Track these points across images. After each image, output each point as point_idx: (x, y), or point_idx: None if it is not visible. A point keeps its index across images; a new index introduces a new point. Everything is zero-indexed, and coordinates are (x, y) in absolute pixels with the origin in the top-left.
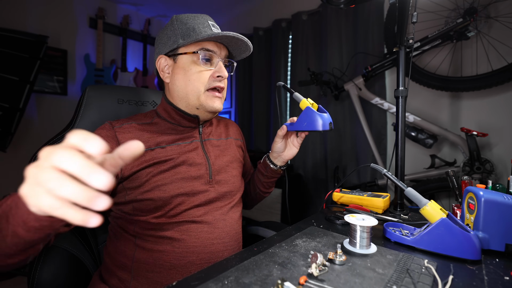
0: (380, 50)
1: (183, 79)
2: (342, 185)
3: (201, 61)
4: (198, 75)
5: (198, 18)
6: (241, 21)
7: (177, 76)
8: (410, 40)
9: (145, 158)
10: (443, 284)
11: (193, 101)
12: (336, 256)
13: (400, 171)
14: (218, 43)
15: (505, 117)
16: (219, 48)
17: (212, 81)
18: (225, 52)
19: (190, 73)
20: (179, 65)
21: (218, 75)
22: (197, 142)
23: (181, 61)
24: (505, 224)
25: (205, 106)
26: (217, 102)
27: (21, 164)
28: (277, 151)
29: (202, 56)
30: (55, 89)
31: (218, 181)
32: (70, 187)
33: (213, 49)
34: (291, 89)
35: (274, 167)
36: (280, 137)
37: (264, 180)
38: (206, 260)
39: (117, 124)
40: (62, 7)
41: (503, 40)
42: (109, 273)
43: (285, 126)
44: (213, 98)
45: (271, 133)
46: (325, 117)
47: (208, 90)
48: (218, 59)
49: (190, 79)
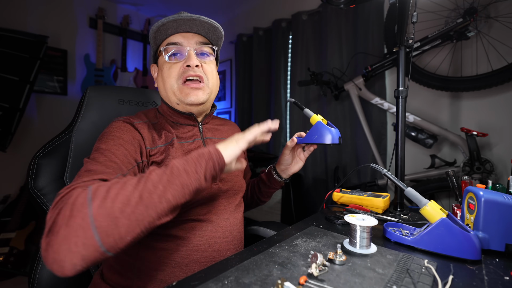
0: (380, 50)
1: (161, 80)
2: (342, 185)
3: (167, 57)
4: (169, 71)
5: (167, 18)
6: (241, 21)
7: (158, 78)
8: (410, 40)
9: (154, 156)
10: (443, 284)
11: (172, 98)
12: (336, 256)
13: (400, 171)
14: (185, 33)
15: (505, 117)
16: (186, 38)
17: (183, 72)
18: (196, 39)
19: (163, 71)
20: (159, 68)
21: (186, 64)
22: (199, 140)
23: (159, 63)
24: (505, 224)
25: (183, 100)
26: (197, 94)
27: (21, 164)
28: (285, 163)
29: (167, 52)
30: (55, 89)
31: (221, 178)
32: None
33: (178, 40)
34: (301, 105)
35: (278, 179)
36: (288, 149)
37: (264, 190)
38: (210, 259)
39: (132, 120)
40: (62, 7)
41: (503, 40)
42: (111, 272)
43: (295, 138)
44: (190, 91)
45: (271, 133)
46: (333, 132)
47: (184, 84)
48: (187, 48)
49: (164, 77)
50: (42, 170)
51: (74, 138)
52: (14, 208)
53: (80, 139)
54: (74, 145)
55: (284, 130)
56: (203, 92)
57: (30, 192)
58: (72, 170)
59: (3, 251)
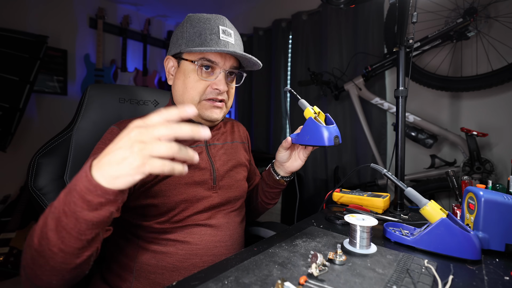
0: (380, 50)
1: (182, 85)
2: (342, 185)
3: (199, 72)
4: (195, 84)
5: (209, 22)
6: (241, 21)
7: (177, 81)
8: (410, 40)
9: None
10: (443, 284)
11: None
12: (336, 256)
13: (400, 171)
14: (224, 54)
15: (505, 117)
16: (223, 59)
17: (209, 93)
18: (232, 63)
19: (188, 80)
20: (181, 70)
21: (216, 87)
22: (202, 146)
23: (183, 66)
24: (505, 224)
25: (201, 115)
26: (215, 112)
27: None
28: (280, 160)
29: (201, 66)
30: (55, 89)
31: (221, 186)
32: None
33: (216, 60)
34: (297, 95)
35: (275, 176)
36: (284, 148)
37: (266, 189)
38: (209, 263)
39: (122, 126)
40: (62, 7)
41: (503, 40)
42: (111, 273)
43: (290, 138)
44: (210, 108)
45: (271, 133)
46: (330, 130)
47: (206, 100)
48: (220, 70)
49: (187, 86)
50: (42, 169)
51: (74, 137)
52: (14, 208)
53: (80, 138)
54: (74, 144)
55: (284, 130)
56: (221, 111)
57: (30, 191)
58: (72, 170)
59: (3, 251)
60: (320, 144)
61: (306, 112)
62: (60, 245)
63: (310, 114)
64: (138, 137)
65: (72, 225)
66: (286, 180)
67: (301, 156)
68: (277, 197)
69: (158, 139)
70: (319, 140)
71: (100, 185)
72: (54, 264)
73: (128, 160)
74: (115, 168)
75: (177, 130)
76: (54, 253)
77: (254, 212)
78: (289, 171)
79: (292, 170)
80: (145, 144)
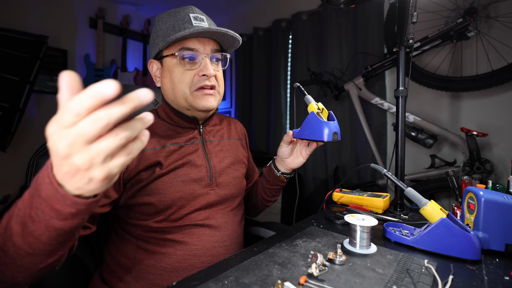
0: (380, 50)
1: (169, 82)
2: (342, 185)
3: (182, 62)
4: (181, 76)
5: (178, 14)
6: (241, 21)
7: (164, 79)
8: (410, 40)
9: (147, 159)
10: (443, 284)
11: (182, 103)
12: (336, 256)
13: (400, 171)
14: (202, 38)
15: (505, 117)
16: (202, 44)
17: (198, 81)
18: (212, 46)
19: (174, 75)
20: (165, 68)
21: (203, 73)
22: (198, 143)
23: (166, 63)
24: (505, 224)
25: (195, 106)
26: (209, 100)
27: (21, 164)
28: (281, 156)
29: (182, 57)
30: (55, 89)
31: (218, 183)
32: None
33: (195, 46)
34: (304, 91)
35: (276, 172)
36: (285, 142)
37: (266, 186)
38: (208, 264)
39: None
40: (62, 7)
41: (503, 40)
42: (110, 273)
43: (291, 132)
44: (203, 97)
45: (271, 133)
46: (330, 126)
47: (197, 90)
48: (203, 55)
49: (175, 81)
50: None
51: None
52: None
53: None
54: None
55: (284, 130)
56: (214, 98)
57: None
58: None
59: None
60: (319, 139)
61: (310, 107)
62: (27, 250)
63: (313, 108)
64: (68, 150)
65: (41, 231)
66: (286, 177)
67: (303, 153)
68: (277, 194)
69: (89, 142)
70: (318, 134)
71: (68, 195)
72: (22, 263)
73: (81, 176)
74: (73, 181)
75: (105, 117)
76: (21, 255)
77: (253, 209)
78: (290, 167)
79: (293, 166)
80: (82, 154)
